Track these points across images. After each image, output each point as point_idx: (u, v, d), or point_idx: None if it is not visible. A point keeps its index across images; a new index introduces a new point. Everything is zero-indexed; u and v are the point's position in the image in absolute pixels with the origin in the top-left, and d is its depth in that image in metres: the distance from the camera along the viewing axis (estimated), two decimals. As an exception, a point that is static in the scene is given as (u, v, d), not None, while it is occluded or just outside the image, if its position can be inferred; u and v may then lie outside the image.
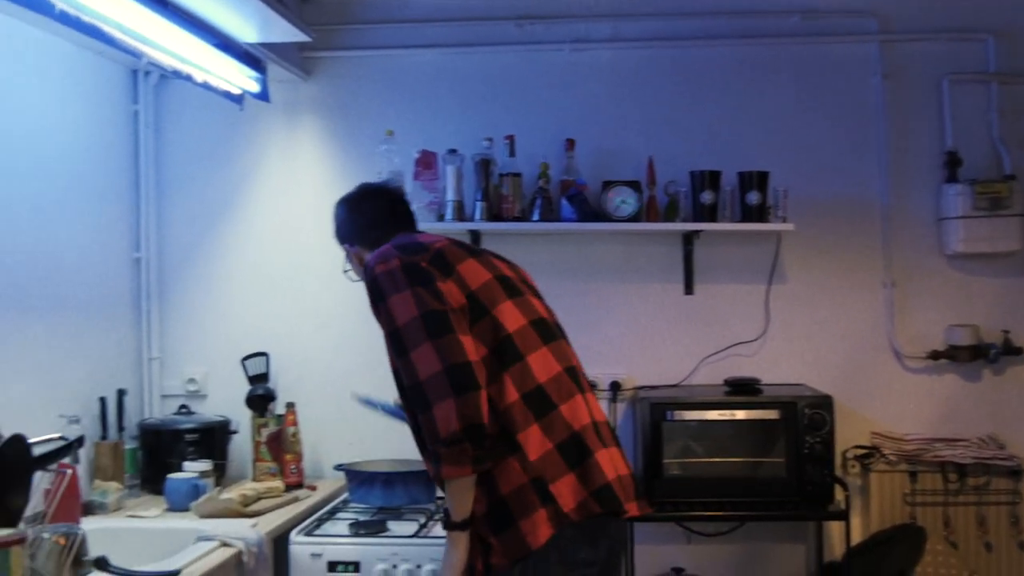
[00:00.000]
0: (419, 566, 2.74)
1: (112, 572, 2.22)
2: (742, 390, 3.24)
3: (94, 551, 2.25)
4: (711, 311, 3.47)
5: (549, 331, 2.25)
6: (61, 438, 2.31)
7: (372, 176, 3.34)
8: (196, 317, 3.57)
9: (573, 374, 2.23)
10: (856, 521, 3.33)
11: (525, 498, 2.07)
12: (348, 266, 2.55)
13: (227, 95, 3.23)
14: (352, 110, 3.53)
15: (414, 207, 3.29)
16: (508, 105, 3.48)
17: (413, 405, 2.08)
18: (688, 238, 3.42)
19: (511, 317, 2.18)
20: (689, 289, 3.46)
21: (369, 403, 2.97)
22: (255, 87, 3.29)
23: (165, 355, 3.56)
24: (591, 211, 3.27)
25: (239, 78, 3.21)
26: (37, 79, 3.00)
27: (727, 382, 3.30)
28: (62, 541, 2.17)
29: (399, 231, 2.41)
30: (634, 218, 3.28)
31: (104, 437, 3.19)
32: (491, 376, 2.11)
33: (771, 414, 3.12)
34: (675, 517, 3.24)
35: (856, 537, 3.28)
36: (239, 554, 2.55)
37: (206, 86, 3.11)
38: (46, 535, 2.10)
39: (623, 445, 2.31)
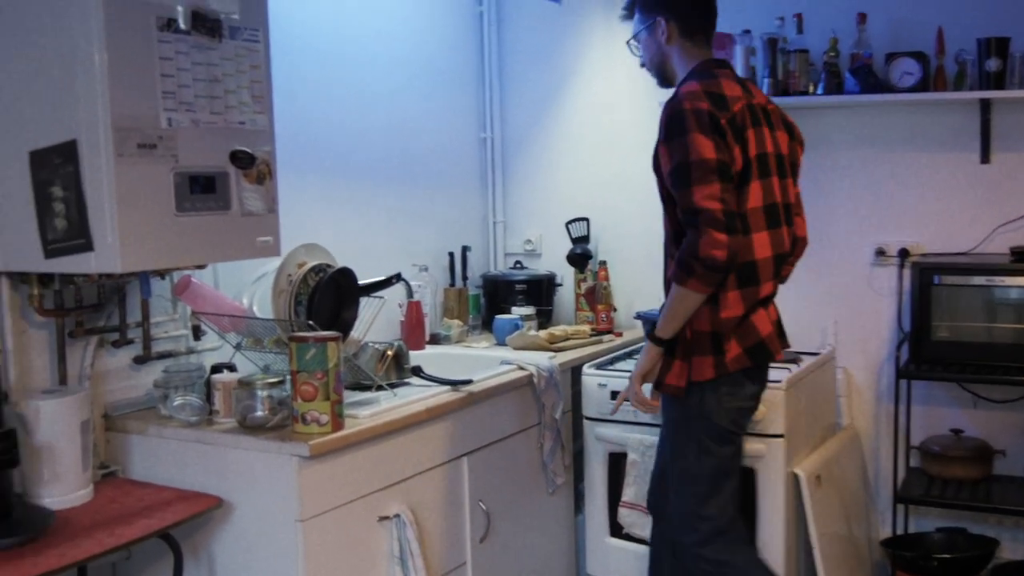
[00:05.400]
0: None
1: (422, 377, 2.93)
2: (1025, 258, 3.26)
3: (429, 369, 2.97)
4: (1009, 180, 3.45)
5: (776, 217, 2.62)
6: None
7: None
8: (532, 187, 4.20)
9: (778, 261, 2.64)
10: None
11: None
12: (634, 41, 2.79)
13: (545, -7, 3.76)
14: None
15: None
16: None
17: (683, 223, 2.51)
18: (986, 106, 3.41)
19: (753, 196, 2.55)
20: (985, 158, 3.46)
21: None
22: (572, -15, 3.77)
23: (507, 219, 4.25)
24: (876, 83, 3.39)
25: (557, -22, 3.71)
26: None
27: (1012, 251, 3.32)
28: (389, 352, 2.92)
29: (706, 34, 2.70)
30: (920, 88, 3.35)
31: (452, 284, 3.95)
32: None
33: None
34: (944, 377, 3.38)
35: None
36: (530, 376, 3.16)
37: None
38: (370, 343, 2.84)
39: (902, 310, 3.26)
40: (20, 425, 2.26)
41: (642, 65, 2.83)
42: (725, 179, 2.47)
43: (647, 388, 2.72)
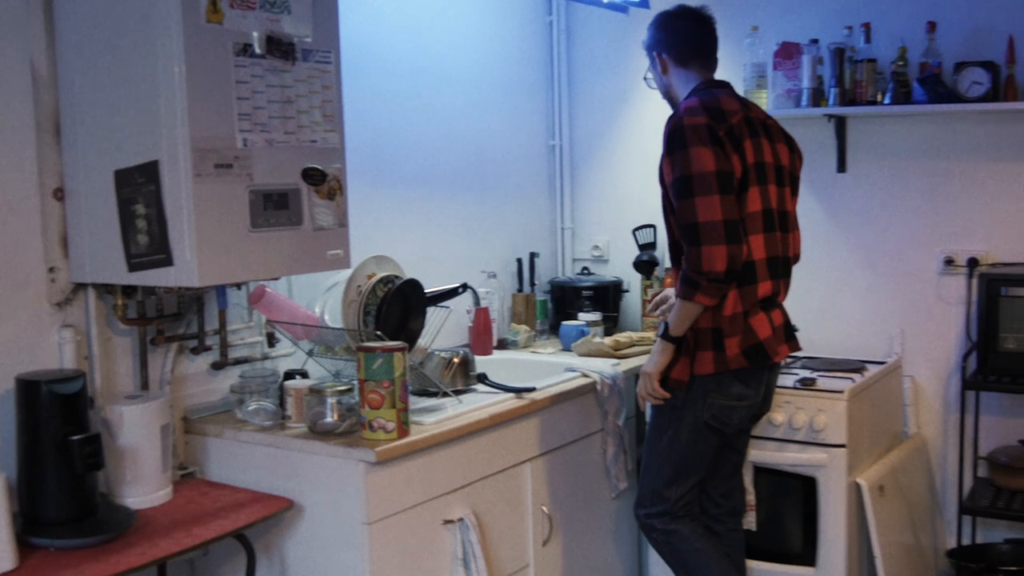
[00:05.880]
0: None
1: (488, 384, 3.01)
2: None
3: (495, 375, 3.06)
4: (1084, 190, 3.41)
5: (771, 222, 2.75)
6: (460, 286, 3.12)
7: (739, 69, 3.74)
8: (600, 193, 4.25)
9: (774, 263, 2.77)
10: None
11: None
12: (649, 74, 2.98)
13: (612, 6, 3.80)
14: (720, 10, 3.79)
15: (772, 95, 3.68)
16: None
17: (683, 238, 2.67)
18: (1060, 115, 3.38)
19: (751, 201, 2.70)
20: (1060, 167, 3.43)
21: None
22: (637, -4, 3.82)
23: (576, 225, 4.31)
24: (944, 92, 3.36)
25: (623, -10, 3.76)
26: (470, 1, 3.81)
27: (1084, 261, 3.28)
28: (456, 360, 3.01)
29: (701, 60, 2.87)
30: (989, 97, 3.32)
31: (520, 290, 4.03)
32: None
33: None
34: (1011, 389, 3.34)
35: None
36: (594, 384, 3.22)
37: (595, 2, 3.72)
38: (436, 351, 2.93)
39: (970, 320, 3.40)
40: (105, 429, 2.39)
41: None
42: (726, 190, 2.63)
43: None
